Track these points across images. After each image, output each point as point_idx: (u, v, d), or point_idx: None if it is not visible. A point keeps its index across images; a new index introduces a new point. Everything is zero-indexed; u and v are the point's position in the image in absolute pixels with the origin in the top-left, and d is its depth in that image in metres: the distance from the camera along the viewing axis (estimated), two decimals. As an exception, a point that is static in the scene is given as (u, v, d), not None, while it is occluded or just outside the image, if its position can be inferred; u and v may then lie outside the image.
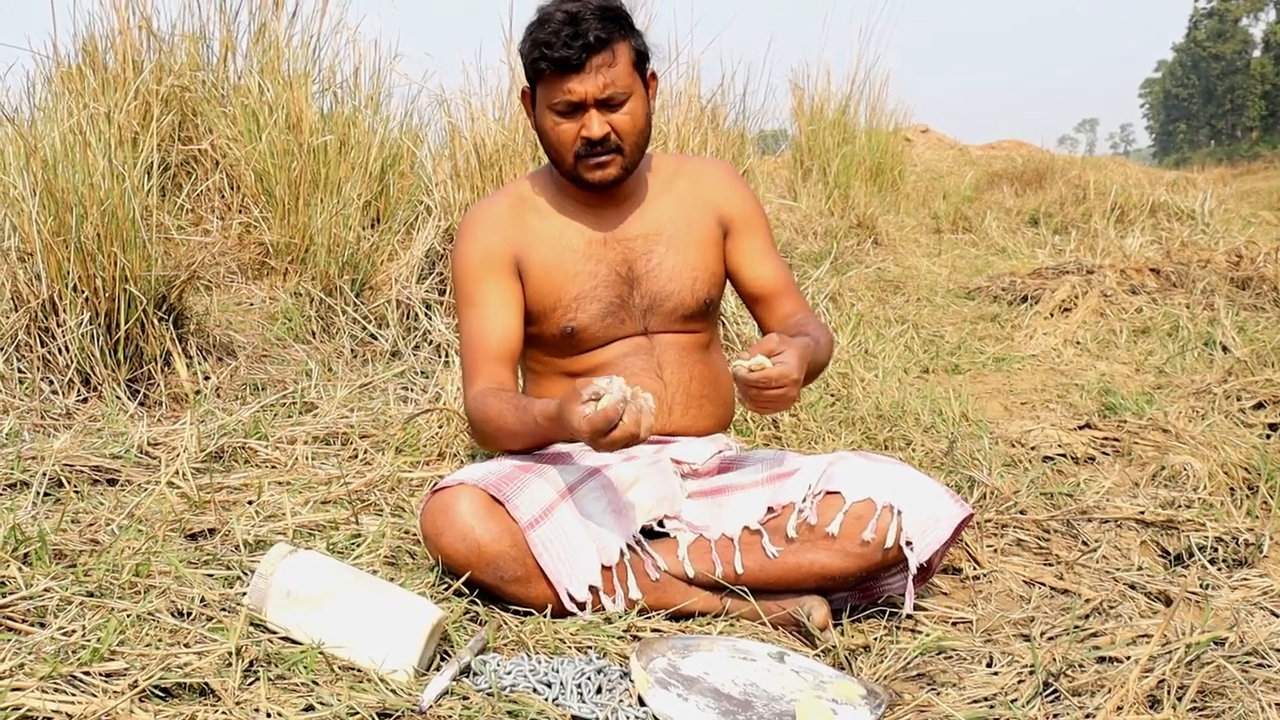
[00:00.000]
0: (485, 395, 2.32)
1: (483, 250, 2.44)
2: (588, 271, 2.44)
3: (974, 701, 1.88)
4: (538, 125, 2.39)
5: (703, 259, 2.52)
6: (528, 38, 2.31)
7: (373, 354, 4.08)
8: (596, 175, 2.37)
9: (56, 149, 3.40)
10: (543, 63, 2.27)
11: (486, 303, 2.42)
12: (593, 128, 2.30)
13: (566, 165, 2.38)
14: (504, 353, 2.40)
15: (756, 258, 2.58)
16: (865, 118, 9.30)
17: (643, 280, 2.47)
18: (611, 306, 2.45)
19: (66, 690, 1.60)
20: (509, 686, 1.82)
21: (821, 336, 2.42)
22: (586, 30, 2.23)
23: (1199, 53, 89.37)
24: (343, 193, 4.53)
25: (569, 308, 2.43)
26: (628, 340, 2.48)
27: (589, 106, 2.29)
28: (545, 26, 2.26)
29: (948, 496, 2.22)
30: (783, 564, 2.20)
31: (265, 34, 5.62)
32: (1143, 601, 2.34)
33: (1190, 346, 4.90)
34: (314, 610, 1.86)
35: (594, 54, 2.25)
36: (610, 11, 2.29)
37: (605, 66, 2.27)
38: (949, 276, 7.31)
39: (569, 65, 2.25)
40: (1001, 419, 3.91)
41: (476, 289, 2.43)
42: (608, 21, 2.27)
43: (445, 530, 2.10)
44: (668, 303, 2.48)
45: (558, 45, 2.23)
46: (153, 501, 2.46)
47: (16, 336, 3.34)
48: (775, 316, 2.57)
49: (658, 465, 2.39)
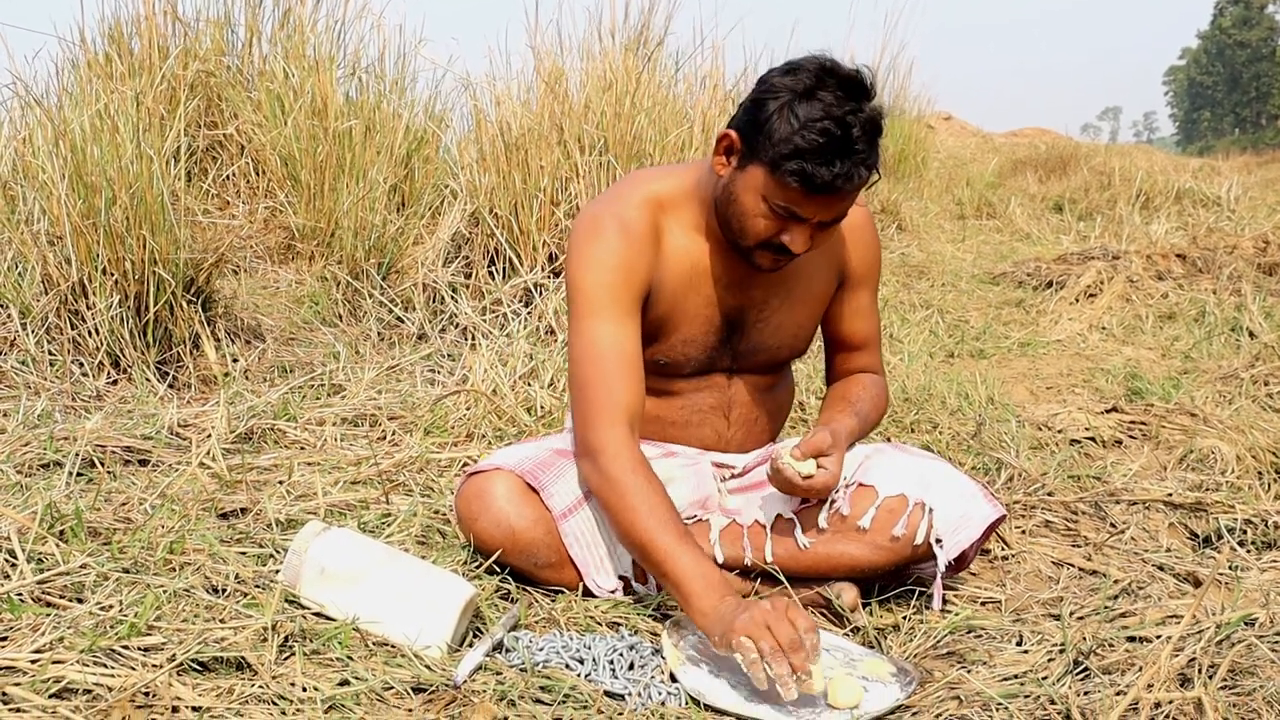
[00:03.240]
0: (639, 463, 2.04)
1: (622, 263, 2.12)
2: (705, 316, 2.24)
3: (1005, 679, 1.88)
4: (733, 189, 2.07)
5: (810, 317, 2.37)
6: (781, 123, 1.95)
7: (399, 337, 4.09)
8: (768, 266, 2.15)
9: (85, 132, 3.42)
10: (794, 178, 1.94)
11: (626, 322, 2.13)
12: (798, 244, 2.05)
13: (743, 243, 2.10)
14: (641, 389, 2.13)
15: (858, 313, 2.43)
16: (889, 104, 9.27)
17: (749, 330, 2.30)
18: (711, 351, 2.29)
19: (106, 664, 1.61)
20: (542, 662, 1.83)
21: (873, 411, 2.36)
22: (858, 165, 1.94)
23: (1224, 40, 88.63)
24: (368, 177, 4.54)
25: (674, 346, 2.25)
26: (708, 376, 2.33)
27: (808, 224, 2.04)
28: (810, 132, 1.92)
29: (982, 496, 2.20)
30: (813, 554, 2.20)
31: (290, 19, 5.64)
32: (1171, 582, 2.34)
33: (1217, 332, 4.88)
34: (348, 587, 1.88)
35: (854, 188, 1.99)
36: (879, 133, 1.99)
37: (849, 196, 2.01)
38: (973, 262, 7.29)
39: (821, 191, 1.95)
40: (1027, 403, 3.91)
41: (614, 303, 2.11)
42: (874, 149, 1.97)
43: (480, 515, 2.10)
44: (762, 354, 2.34)
45: (822, 170, 1.92)
46: (184, 481, 2.48)
47: (47, 319, 3.37)
48: (846, 367, 2.47)
49: (695, 468, 2.34)
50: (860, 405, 2.34)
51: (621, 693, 1.79)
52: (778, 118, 1.95)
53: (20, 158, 3.72)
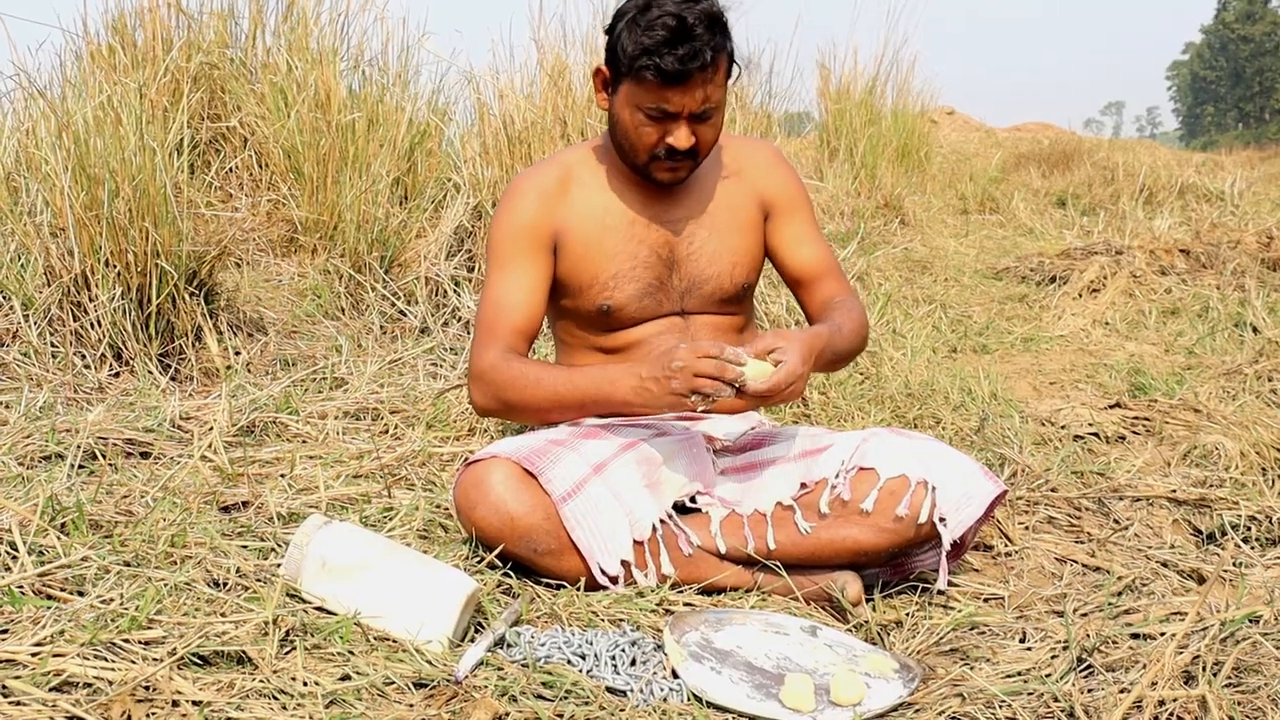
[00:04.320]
0: (509, 358, 2.30)
1: (525, 220, 2.39)
2: (628, 251, 2.41)
3: (1008, 676, 1.87)
4: (614, 113, 2.32)
5: (744, 243, 2.50)
6: (630, 34, 2.19)
7: (402, 330, 4.09)
8: (668, 177, 2.35)
9: (88, 124, 3.42)
10: (648, 71, 2.17)
11: (519, 272, 2.38)
12: (681, 139, 2.25)
13: (638, 161, 2.33)
14: (525, 327, 2.37)
15: (798, 241, 2.55)
16: (892, 99, 9.27)
17: (682, 263, 2.45)
18: (649, 287, 2.43)
19: (106, 657, 1.61)
20: (544, 658, 1.83)
21: (847, 321, 2.40)
22: (701, 48, 2.15)
23: (1227, 34, 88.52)
24: (371, 170, 4.53)
25: (606, 286, 2.41)
26: (663, 320, 2.46)
27: (681, 117, 2.24)
28: (652, 31, 2.15)
29: (982, 473, 2.21)
30: (815, 539, 2.20)
31: (294, 11, 5.62)
32: (1175, 579, 2.33)
33: (1220, 327, 4.87)
34: (349, 581, 1.87)
35: (702, 71, 2.18)
36: (718, 22, 2.21)
37: (706, 82, 2.20)
38: (976, 257, 7.28)
39: (674, 79, 2.17)
40: (1030, 398, 3.90)
41: (512, 257, 2.39)
42: (717, 34, 2.19)
43: (479, 503, 2.10)
44: (706, 286, 2.46)
45: (668, 58, 2.14)
46: (186, 474, 2.47)
47: (49, 310, 3.36)
48: (816, 300, 2.55)
49: (690, 441, 2.37)
50: (829, 315, 2.43)
51: (624, 689, 1.79)
52: (626, 33, 2.21)
53: (23, 149, 3.72)
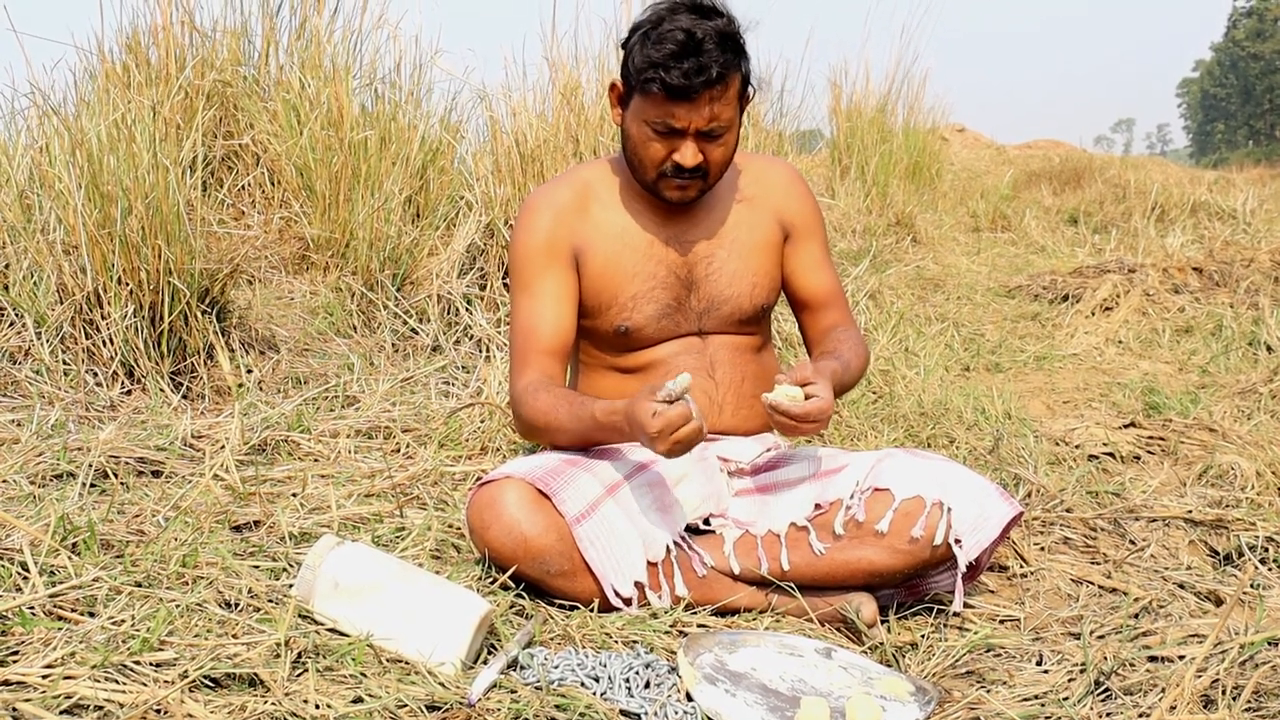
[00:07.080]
0: (536, 388, 2.29)
1: (544, 238, 2.38)
2: (647, 272, 2.41)
3: (1025, 699, 1.86)
4: (624, 128, 2.32)
5: (762, 265, 2.48)
6: (640, 49, 2.20)
7: (414, 348, 4.08)
8: (675, 196, 2.34)
9: (102, 142, 3.42)
10: (654, 85, 2.17)
11: (543, 292, 2.37)
12: (686, 157, 2.24)
13: (647, 178, 2.33)
14: (556, 346, 2.36)
15: (811, 266, 2.55)
16: (903, 116, 9.26)
17: (701, 284, 2.44)
18: (667, 308, 2.42)
19: (117, 679, 1.60)
20: (557, 680, 1.82)
21: (854, 358, 2.41)
22: (708, 64, 2.15)
23: (1237, 52, 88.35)
24: (384, 188, 4.53)
25: (625, 306, 2.40)
26: (682, 340, 2.45)
27: (688, 134, 2.23)
28: (662, 45, 2.15)
29: (998, 494, 2.20)
30: (830, 560, 2.19)
31: (306, 29, 5.63)
32: (1193, 601, 2.31)
33: (1234, 346, 4.85)
34: (361, 602, 1.86)
35: (710, 87, 2.18)
36: (731, 40, 2.20)
37: (714, 99, 2.19)
38: (988, 275, 7.26)
39: (679, 93, 2.17)
40: (1044, 417, 3.88)
41: (535, 278, 2.38)
42: (728, 53, 2.19)
43: (492, 524, 2.09)
44: (725, 307, 2.45)
45: (675, 73, 2.14)
46: (198, 493, 2.46)
47: (62, 328, 3.36)
48: (818, 326, 2.56)
49: (704, 463, 2.37)
50: (835, 347, 2.44)
51: (637, 711, 1.77)
52: (638, 46, 2.21)
53: (37, 167, 3.72)
